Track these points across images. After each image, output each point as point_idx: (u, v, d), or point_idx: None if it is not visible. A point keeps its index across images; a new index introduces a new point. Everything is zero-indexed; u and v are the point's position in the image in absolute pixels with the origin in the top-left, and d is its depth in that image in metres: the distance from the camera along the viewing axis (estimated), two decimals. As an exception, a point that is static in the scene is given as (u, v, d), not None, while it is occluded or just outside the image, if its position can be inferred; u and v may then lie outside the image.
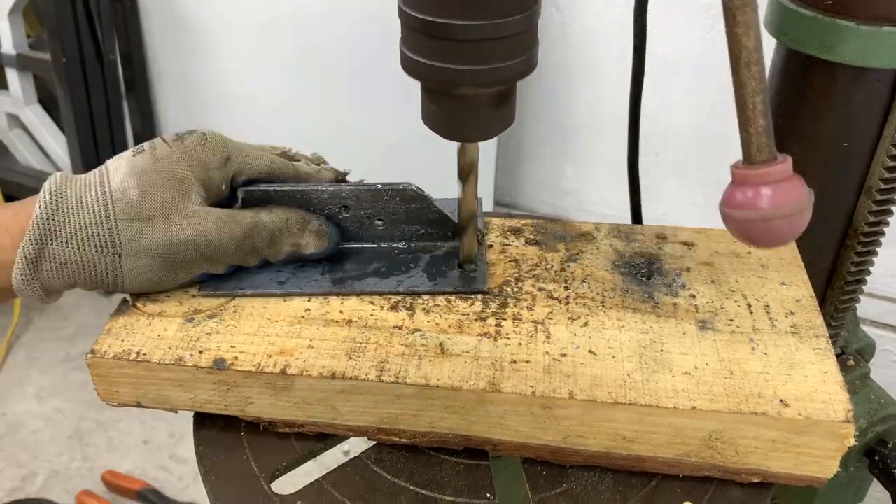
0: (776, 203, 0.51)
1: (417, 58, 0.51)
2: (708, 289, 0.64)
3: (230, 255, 0.63)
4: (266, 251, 0.64)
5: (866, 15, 0.61)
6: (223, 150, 0.63)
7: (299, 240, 0.65)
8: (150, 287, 0.62)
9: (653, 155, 1.68)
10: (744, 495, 0.57)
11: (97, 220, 0.59)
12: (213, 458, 0.60)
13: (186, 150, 0.62)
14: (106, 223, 0.59)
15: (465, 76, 0.51)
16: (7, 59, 1.91)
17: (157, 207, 0.59)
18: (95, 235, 0.59)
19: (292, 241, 0.65)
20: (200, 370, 0.58)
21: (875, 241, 0.73)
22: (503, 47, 0.50)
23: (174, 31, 1.85)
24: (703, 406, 0.54)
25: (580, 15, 1.63)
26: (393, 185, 0.66)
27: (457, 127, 0.56)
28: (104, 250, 0.59)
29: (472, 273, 0.66)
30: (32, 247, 0.58)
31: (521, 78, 0.53)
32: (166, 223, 0.60)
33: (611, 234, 0.71)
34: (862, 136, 0.67)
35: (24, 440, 1.73)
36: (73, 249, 0.58)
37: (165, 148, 0.62)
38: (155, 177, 0.60)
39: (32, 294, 0.60)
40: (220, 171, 0.63)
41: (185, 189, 0.61)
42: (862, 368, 0.82)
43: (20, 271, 0.58)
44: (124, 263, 0.60)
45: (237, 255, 0.63)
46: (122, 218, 0.59)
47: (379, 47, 1.40)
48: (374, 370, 0.57)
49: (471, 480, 0.58)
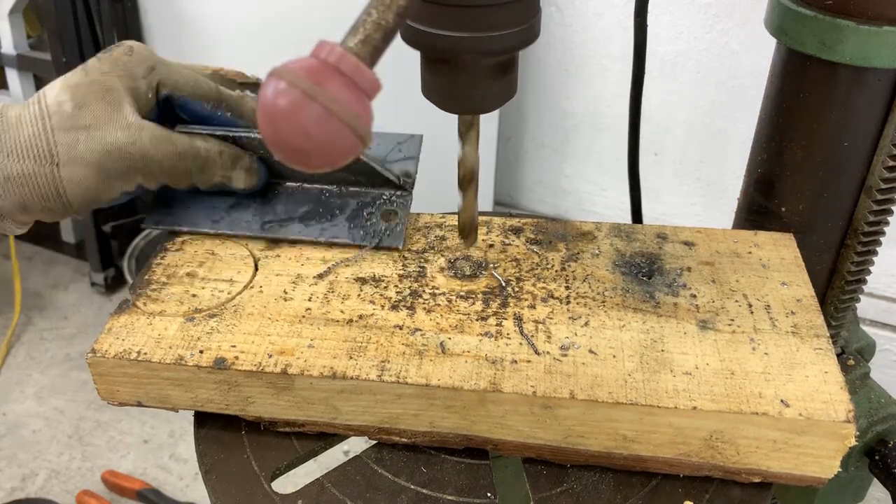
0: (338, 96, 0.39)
1: (417, 26, 0.51)
2: (709, 288, 0.64)
3: (163, 172, 0.65)
4: (197, 176, 0.66)
5: (866, 15, 0.61)
6: (148, 61, 0.66)
7: (230, 173, 0.68)
8: (91, 197, 0.63)
9: (653, 155, 1.68)
10: (744, 495, 0.57)
11: (35, 134, 0.61)
12: (213, 457, 0.60)
13: (113, 61, 0.65)
14: (44, 135, 0.61)
15: (465, 44, 0.50)
16: (7, 59, 1.90)
17: (91, 118, 0.62)
18: (34, 147, 0.61)
19: (223, 173, 0.68)
20: (201, 370, 0.58)
21: (875, 241, 0.73)
22: (504, 14, 0.49)
23: (174, 31, 1.85)
24: (703, 406, 0.54)
25: (580, 15, 1.63)
26: None
27: (457, 98, 0.55)
28: (43, 161, 0.61)
29: (396, 227, 0.67)
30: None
31: (523, 47, 0.52)
32: (101, 132, 0.62)
33: (611, 233, 0.71)
34: (862, 136, 0.67)
35: (24, 440, 1.73)
36: (14, 162, 0.61)
37: (94, 62, 0.65)
38: (87, 90, 0.63)
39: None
40: (146, 80, 0.65)
41: (117, 99, 0.63)
42: (862, 368, 0.82)
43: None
44: (62, 172, 0.61)
45: (169, 174, 0.65)
46: (59, 128, 0.61)
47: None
48: (375, 370, 0.57)
49: (471, 480, 0.58)
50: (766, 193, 0.73)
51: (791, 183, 0.71)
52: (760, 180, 0.73)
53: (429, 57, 0.54)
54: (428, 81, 0.55)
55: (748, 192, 0.76)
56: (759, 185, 0.74)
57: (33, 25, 2.01)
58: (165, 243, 0.71)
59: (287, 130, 0.38)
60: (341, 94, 0.39)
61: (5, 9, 1.85)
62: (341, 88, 0.39)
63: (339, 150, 0.39)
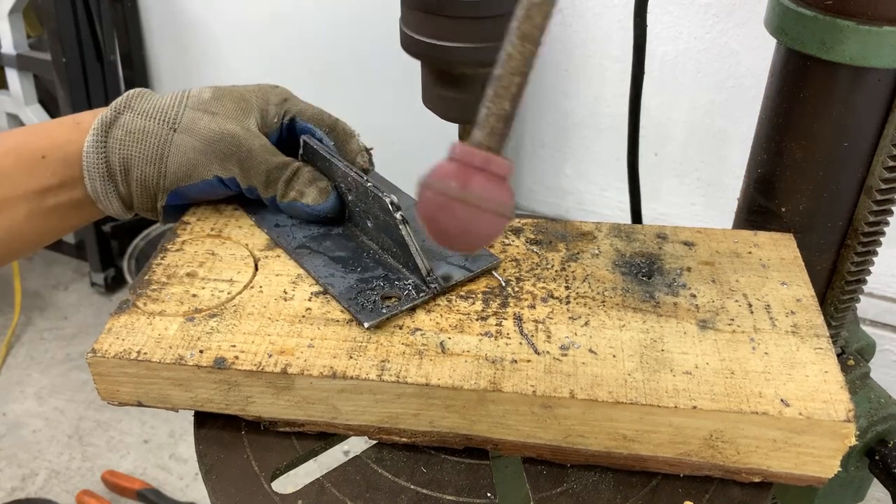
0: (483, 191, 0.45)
1: (417, 36, 0.51)
2: (709, 288, 0.64)
3: (258, 174, 0.70)
4: (281, 188, 0.71)
5: (866, 15, 0.61)
6: (285, 94, 0.75)
7: (305, 189, 0.71)
8: (188, 168, 0.70)
9: (653, 155, 1.68)
10: (744, 495, 0.57)
11: (169, 105, 0.71)
12: (213, 457, 0.60)
13: (259, 87, 0.75)
14: (176, 107, 0.70)
15: (465, 54, 0.50)
16: (7, 59, 1.91)
17: (220, 109, 0.71)
18: (163, 113, 0.70)
19: (299, 187, 0.71)
20: (201, 369, 0.58)
21: (875, 241, 0.73)
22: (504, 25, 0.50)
23: (174, 31, 1.85)
24: (703, 405, 0.54)
25: (580, 15, 1.63)
26: (378, 189, 0.64)
27: (456, 108, 0.55)
28: (164, 124, 0.70)
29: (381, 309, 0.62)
30: (111, 112, 0.69)
31: None
32: (223, 120, 0.70)
33: (611, 233, 0.71)
34: (862, 135, 0.67)
35: (24, 440, 1.73)
36: (141, 119, 0.69)
37: (243, 85, 0.75)
38: (227, 92, 0.72)
39: (97, 164, 0.69)
40: (278, 107, 0.74)
41: (247, 108, 0.72)
42: (862, 368, 0.82)
43: (94, 131, 0.68)
44: (175, 137, 0.69)
45: (264, 176, 0.70)
46: (190, 107, 0.71)
47: (380, 46, 1.40)
48: (375, 369, 0.57)
49: (471, 480, 0.58)
50: (766, 193, 0.73)
51: (791, 183, 0.71)
52: (760, 180, 0.73)
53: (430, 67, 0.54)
54: (429, 91, 0.55)
55: (748, 192, 0.76)
56: (759, 185, 0.74)
57: (33, 25, 2.01)
58: (165, 243, 0.71)
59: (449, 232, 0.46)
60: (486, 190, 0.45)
61: (5, 9, 1.85)
62: (484, 183, 0.45)
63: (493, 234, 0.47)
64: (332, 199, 0.71)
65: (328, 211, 0.71)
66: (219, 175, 0.70)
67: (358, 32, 1.59)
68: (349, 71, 1.64)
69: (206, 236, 0.71)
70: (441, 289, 0.64)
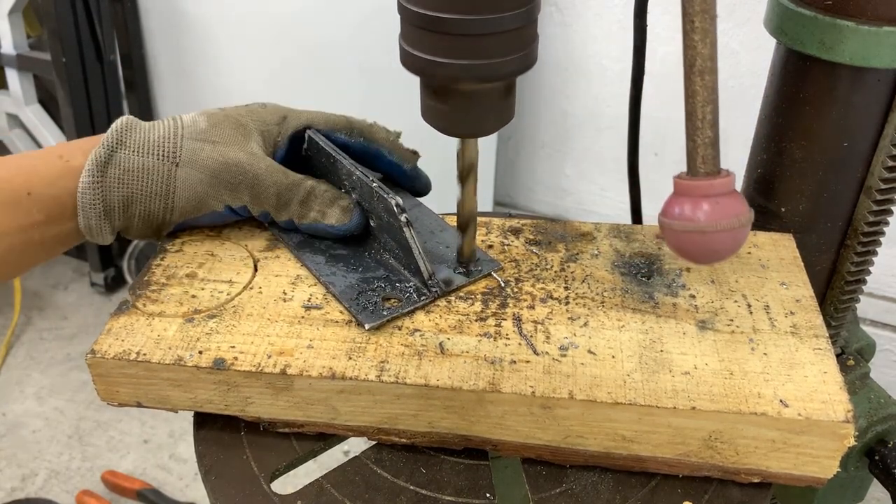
0: (715, 217, 0.50)
1: (416, 53, 0.51)
2: (708, 289, 0.64)
3: (269, 197, 0.68)
4: (296, 209, 0.69)
5: (866, 15, 0.61)
6: (280, 111, 0.72)
7: (327, 209, 0.68)
8: (198, 201, 0.67)
9: (653, 155, 1.68)
10: (743, 495, 0.57)
11: (165, 137, 0.66)
12: (213, 458, 0.60)
13: (248, 108, 0.71)
14: (173, 139, 0.66)
15: (463, 71, 0.50)
16: (7, 59, 1.90)
17: (219, 136, 0.67)
18: (160, 147, 0.66)
19: (320, 208, 0.68)
20: (200, 370, 0.58)
21: (875, 241, 0.73)
22: (502, 42, 0.50)
23: (174, 31, 1.84)
24: (702, 406, 0.54)
25: (580, 15, 1.63)
26: (384, 189, 0.64)
27: (455, 123, 0.56)
28: (165, 159, 0.66)
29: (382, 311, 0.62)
30: (104, 151, 0.65)
31: (520, 74, 0.53)
32: (225, 148, 0.67)
33: (611, 234, 0.71)
34: (862, 136, 0.67)
35: (24, 440, 1.73)
36: (138, 157, 0.65)
37: (232, 107, 0.71)
38: (222, 117, 0.69)
39: (93, 204, 0.64)
40: (278, 126, 0.71)
41: (246, 132, 0.69)
42: (862, 368, 0.82)
43: (88, 172, 0.64)
44: (179, 172, 0.66)
45: (275, 199, 0.68)
46: (188, 137, 0.67)
47: (380, 46, 1.40)
48: (374, 370, 0.57)
49: (471, 480, 0.58)
50: (765, 193, 0.73)
51: (791, 183, 0.71)
52: (760, 180, 0.73)
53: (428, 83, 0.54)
54: (427, 106, 0.55)
55: (748, 192, 0.76)
56: (759, 185, 0.74)
57: (33, 25, 2.01)
58: (165, 244, 0.71)
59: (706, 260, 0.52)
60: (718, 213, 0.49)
61: (5, 9, 1.85)
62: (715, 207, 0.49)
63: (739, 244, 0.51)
64: (357, 217, 0.68)
65: (353, 229, 0.68)
66: (229, 204, 0.68)
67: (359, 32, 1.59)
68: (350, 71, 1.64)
69: (206, 237, 0.71)
70: (442, 293, 0.64)
